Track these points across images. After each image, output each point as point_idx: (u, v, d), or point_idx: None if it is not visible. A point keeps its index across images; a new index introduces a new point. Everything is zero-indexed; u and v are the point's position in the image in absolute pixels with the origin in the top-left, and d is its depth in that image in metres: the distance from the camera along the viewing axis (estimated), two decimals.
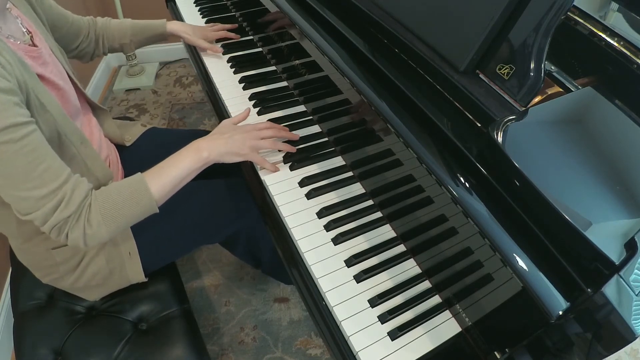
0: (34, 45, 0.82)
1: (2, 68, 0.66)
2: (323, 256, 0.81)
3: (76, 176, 0.75)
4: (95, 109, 1.08)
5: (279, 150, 0.99)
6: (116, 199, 0.77)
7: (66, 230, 0.74)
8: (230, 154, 0.90)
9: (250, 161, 0.96)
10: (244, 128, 0.94)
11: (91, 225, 0.75)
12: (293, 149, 0.98)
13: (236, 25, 1.34)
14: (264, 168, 0.95)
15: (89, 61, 1.21)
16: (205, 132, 1.04)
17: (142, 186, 0.80)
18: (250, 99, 1.14)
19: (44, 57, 0.82)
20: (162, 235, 0.98)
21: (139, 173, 0.82)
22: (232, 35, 1.31)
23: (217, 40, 1.32)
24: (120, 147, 1.14)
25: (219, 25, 1.33)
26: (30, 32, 0.83)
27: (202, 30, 1.29)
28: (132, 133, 1.18)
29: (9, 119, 0.65)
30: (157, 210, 0.83)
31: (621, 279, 0.52)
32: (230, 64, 1.25)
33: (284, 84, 1.18)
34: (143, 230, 0.94)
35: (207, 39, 1.28)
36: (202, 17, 1.46)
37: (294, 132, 1.02)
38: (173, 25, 1.26)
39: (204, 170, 0.91)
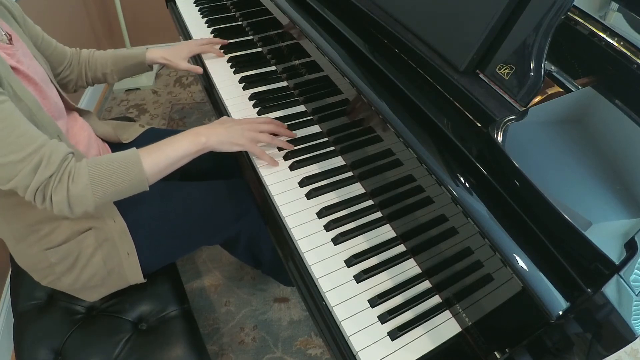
0: (11, 44, 0.82)
1: None
2: (323, 256, 0.81)
3: (54, 140, 0.75)
4: (82, 113, 1.07)
5: (278, 150, 0.99)
6: (107, 165, 0.77)
7: (49, 192, 0.73)
8: (228, 143, 0.90)
9: (249, 158, 0.96)
10: (244, 120, 0.96)
11: (77, 185, 0.74)
12: (291, 147, 0.98)
13: (227, 41, 1.30)
14: (262, 160, 0.95)
15: (72, 92, 1.18)
16: None
17: (134, 157, 0.79)
18: (250, 98, 1.14)
19: (18, 56, 0.82)
20: (161, 235, 0.98)
21: (134, 147, 0.82)
22: (217, 51, 1.28)
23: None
24: (117, 147, 1.13)
25: (207, 39, 1.28)
26: (9, 35, 0.83)
27: (186, 47, 1.24)
28: (129, 134, 1.17)
29: None
30: (147, 188, 0.82)
31: (621, 279, 0.52)
32: (230, 64, 1.25)
33: (284, 84, 1.18)
34: (141, 231, 0.94)
35: (192, 53, 1.24)
36: (202, 17, 1.46)
37: (293, 131, 1.02)
38: (152, 54, 1.20)
39: (203, 171, 0.91)
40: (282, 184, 0.93)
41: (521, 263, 0.56)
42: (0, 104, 0.69)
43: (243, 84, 1.18)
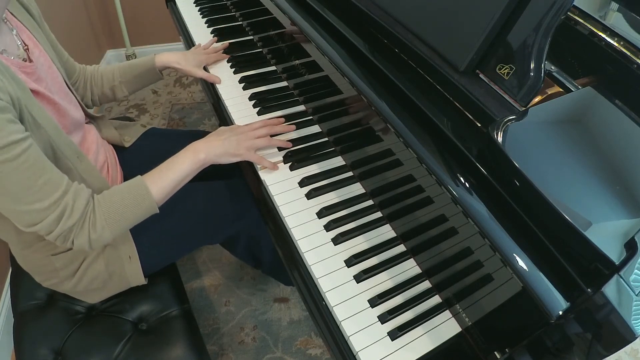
0: (30, 60, 0.81)
1: None
2: (323, 256, 0.81)
3: (75, 184, 0.76)
4: (93, 117, 1.08)
5: (278, 150, 0.99)
6: (118, 203, 0.79)
7: (71, 238, 0.75)
8: (226, 155, 0.91)
9: (249, 162, 0.97)
10: (239, 129, 0.96)
11: (95, 230, 0.76)
12: (289, 144, 0.99)
13: (227, 44, 1.30)
14: (263, 166, 0.95)
15: None
16: (205, 133, 1.04)
17: (143, 190, 0.81)
18: (250, 98, 1.14)
19: (38, 73, 0.80)
20: (162, 237, 0.98)
21: (139, 176, 0.83)
22: (224, 56, 1.27)
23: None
24: (120, 148, 1.14)
25: (211, 47, 1.27)
26: (26, 45, 0.82)
27: (196, 56, 1.22)
28: (131, 133, 1.18)
29: (5, 137, 0.65)
30: (158, 211, 0.84)
31: (621, 279, 0.52)
32: (230, 64, 1.25)
33: (284, 84, 1.18)
34: (143, 233, 0.94)
35: (202, 64, 1.23)
36: (202, 17, 1.46)
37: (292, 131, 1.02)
38: (162, 58, 1.17)
39: (204, 172, 0.91)
40: (282, 184, 0.93)
41: (521, 263, 0.56)
42: (26, 150, 0.68)
43: (243, 84, 1.18)
